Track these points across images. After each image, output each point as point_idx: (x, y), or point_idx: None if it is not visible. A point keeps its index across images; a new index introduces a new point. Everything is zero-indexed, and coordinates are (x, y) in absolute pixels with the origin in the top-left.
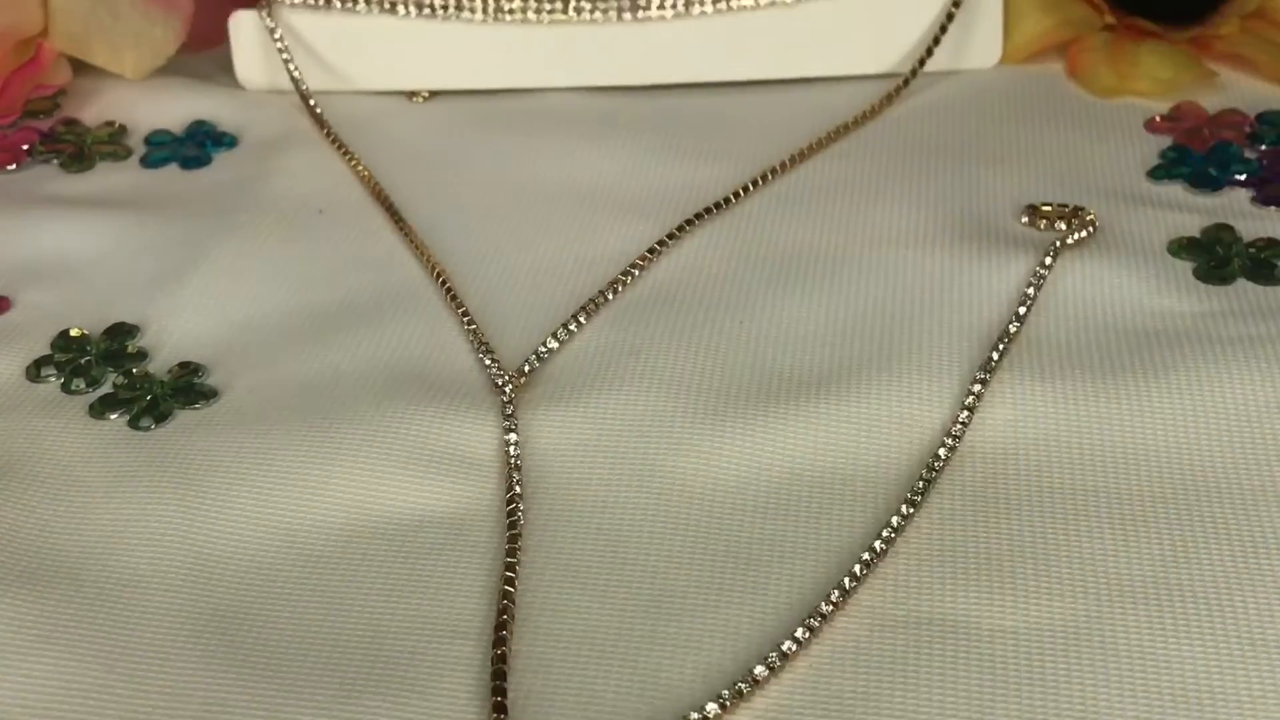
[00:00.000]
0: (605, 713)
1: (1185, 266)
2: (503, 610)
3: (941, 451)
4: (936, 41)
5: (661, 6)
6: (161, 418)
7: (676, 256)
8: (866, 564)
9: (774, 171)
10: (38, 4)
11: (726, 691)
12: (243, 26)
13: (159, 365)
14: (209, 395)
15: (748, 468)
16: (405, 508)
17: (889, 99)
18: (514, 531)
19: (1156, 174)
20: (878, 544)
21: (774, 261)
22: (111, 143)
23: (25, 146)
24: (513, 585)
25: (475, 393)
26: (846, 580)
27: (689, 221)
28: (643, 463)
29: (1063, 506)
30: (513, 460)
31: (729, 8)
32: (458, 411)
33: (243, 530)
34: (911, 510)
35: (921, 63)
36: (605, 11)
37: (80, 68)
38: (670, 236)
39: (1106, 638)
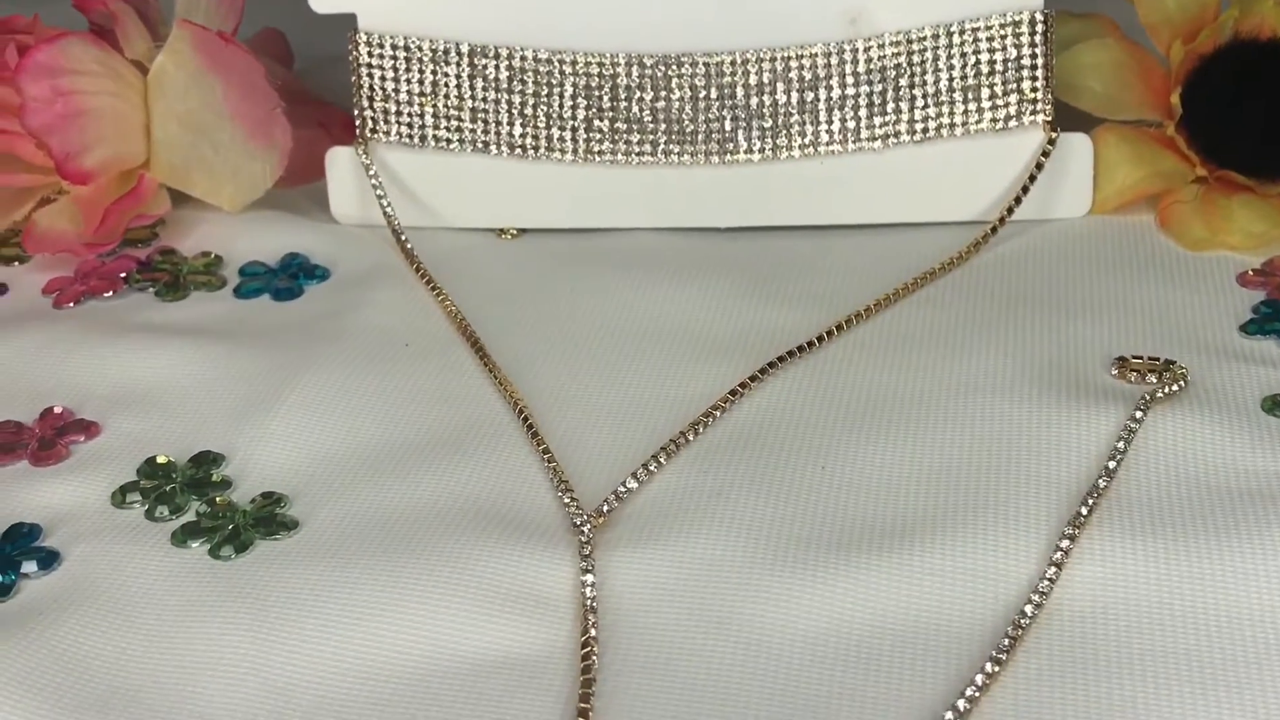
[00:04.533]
0: None
1: (1279, 424)
2: None
3: (1028, 608)
4: (1025, 190)
5: (749, 150)
6: (242, 548)
7: (759, 399)
8: None
9: (859, 316)
10: (141, 136)
11: None
12: (339, 163)
13: (242, 495)
14: (290, 526)
15: (827, 618)
16: (479, 648)
17: (976, 246)
18: (588, 676)
19: (1249, 329)
20: (961, 703)
21: (858, 407)
22: (206, 273)
23: (123, 275)
24: None
25: (553, 531)
26: None
27: (772, 364)
28: (720, 609)
29: (1154, 670)
30: (588, 602)
31: (816, 152)
32: (535, 551)
33: (315, 666)
34: (996, 669)
35: (1010, 211)
36: (693, 154)
37: (179, 198)
38: (753, 379)
39: None
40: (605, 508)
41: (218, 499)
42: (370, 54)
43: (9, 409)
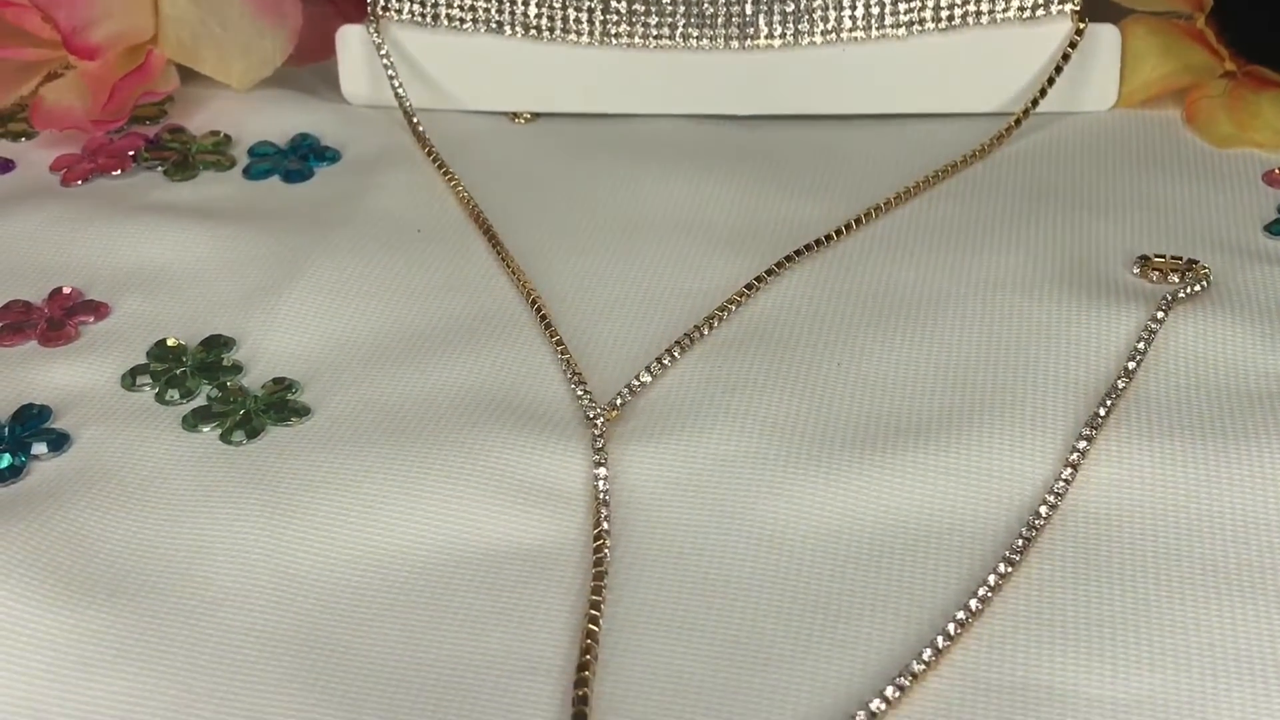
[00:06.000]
0: None
1: None
2: (585, 649)
3: (1043, 509)
4: (1051, 82)
5: (770, 36)
6: (254, 433)
7: (775, 293)
8: (961, 623)
9: (878, 209)
10: (149, 11)
11: None
12: (350, 41)
13: (253, 379)
14: (302, 413)
15: (841, 515)
16: (491, 538)
17: (1000, 138)
18: (599, 569)
19: (1274, 228)
20: (973, 602)
21: (875, 303)
22: (216, 152)
23: (131, 153)
24: (596, 624)
25: (566, 424)
26: (940, 639)
27: (789, 258)
28: (733, 504)
29: (1168, 573)
30: (601, 495)
31: (838, 39)
32: (548, 443)
33: (328, 552)
34: (1009, 569)
35: (1035, 103)
36: (713, 39)
37: (188, 76)
38: (769, 272)
39: (1209, 714)
40: (619, 401)
41: (229, 383)
42: None
43: (17, 288)
